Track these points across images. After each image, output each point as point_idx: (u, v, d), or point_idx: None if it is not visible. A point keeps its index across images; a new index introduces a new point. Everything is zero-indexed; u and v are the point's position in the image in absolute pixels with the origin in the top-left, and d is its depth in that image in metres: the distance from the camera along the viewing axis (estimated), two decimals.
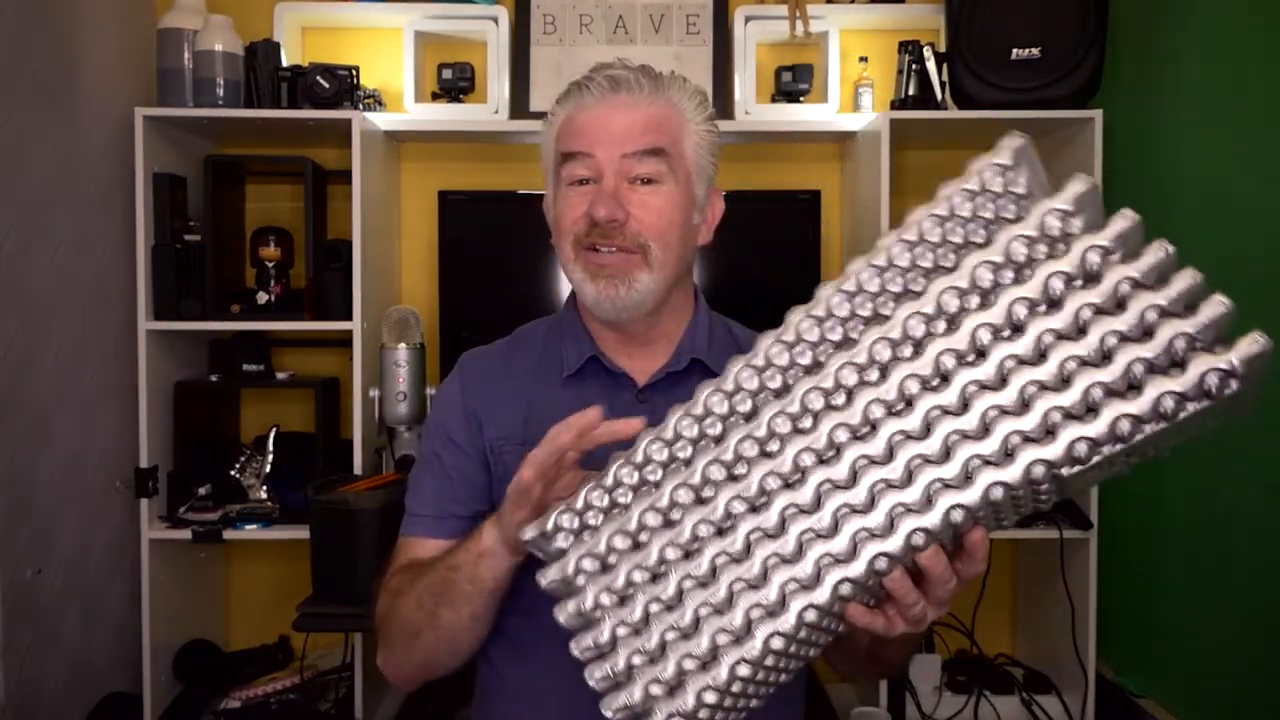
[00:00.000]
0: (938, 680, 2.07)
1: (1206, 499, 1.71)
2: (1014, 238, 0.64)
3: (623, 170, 0.99)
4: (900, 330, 0.66)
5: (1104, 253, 0.62)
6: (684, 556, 0.68)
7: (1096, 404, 0.61)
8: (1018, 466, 0.61)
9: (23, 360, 1.65)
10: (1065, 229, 0.64)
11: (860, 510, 0.64)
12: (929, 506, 0.63)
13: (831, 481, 0.65)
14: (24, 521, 1.65)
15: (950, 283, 0.65)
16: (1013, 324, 0.63)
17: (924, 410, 0.64)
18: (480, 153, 2.26)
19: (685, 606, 0.67)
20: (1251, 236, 1.59)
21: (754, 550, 0.66)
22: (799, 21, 2.09)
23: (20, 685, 1.62)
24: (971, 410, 0.63)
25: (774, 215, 2.15)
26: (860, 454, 0.65)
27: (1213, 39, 1.72)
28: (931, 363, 0.64)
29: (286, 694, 1.99)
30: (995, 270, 0.65)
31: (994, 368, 0.63)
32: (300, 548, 1.79)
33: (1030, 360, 0.62)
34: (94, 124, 1.88)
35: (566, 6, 2.18)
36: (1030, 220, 0.64)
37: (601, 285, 1.00)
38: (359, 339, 1.95)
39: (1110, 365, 0.61)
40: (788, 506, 0.66)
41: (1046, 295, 0.63)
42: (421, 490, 1.09)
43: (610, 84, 1.01)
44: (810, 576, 0.65)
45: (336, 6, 2.17)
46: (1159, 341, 0.60)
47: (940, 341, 0.64)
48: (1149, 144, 1.89)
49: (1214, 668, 1.68)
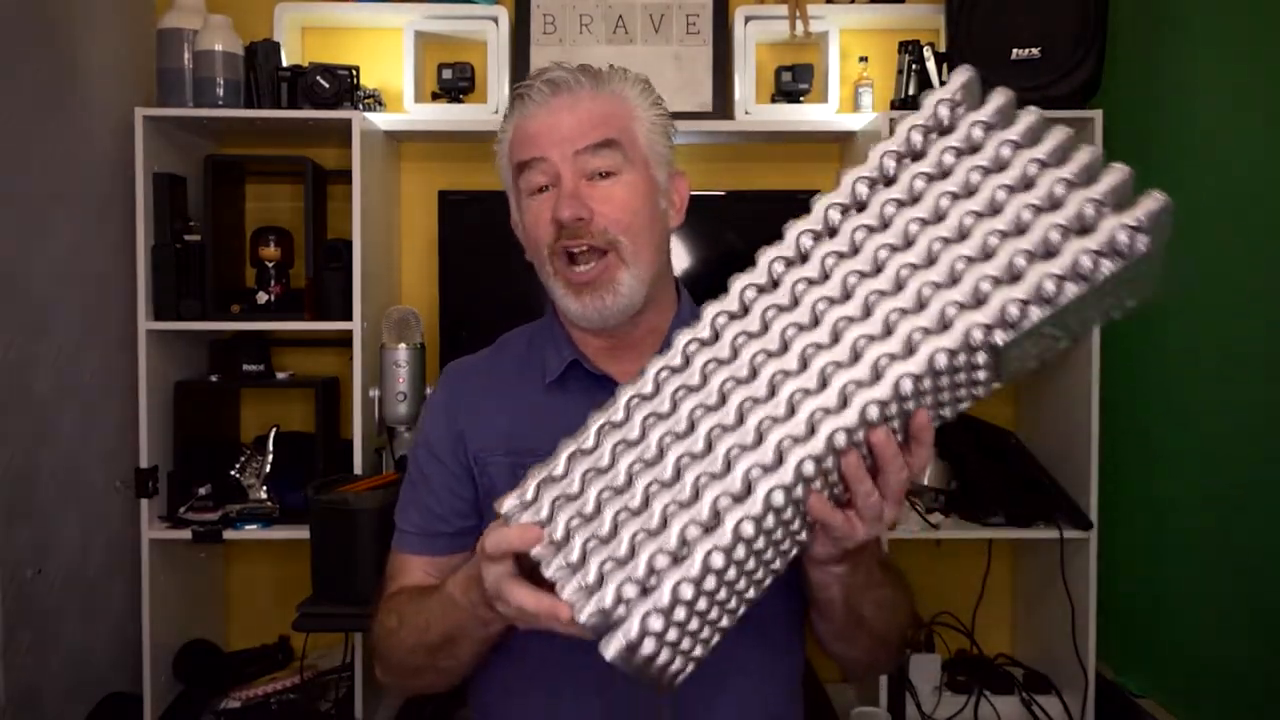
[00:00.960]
0: (938, 680, 2.07)
1: (1206, 499, 1.71)
2: (943, 149, 0.73)
3: (579, 168, 0.98)
4: (835, 235, 0.73)
5: (1014, 146, 0.70)
6: (648, 465, 0.71)
7: (1020, 270, 0.65)
8: (957, 330, 0.65)
9: (23, 360, 1.65)
10: (956, 120, 0.74)
11: (813, 392, 0.68)
12: (878, 379, 0.67)
13: (784, 371, 0.69)
14: (24, 521, 1.65)
15: (887, 195, 0.72)
16: (937, 214, 0.70)
17: (863, 295, 0.69)
18: (480, 153, 2.24)
19: (652, 508, 0.69)
20: (1252, 236, 1.60)
21: (715, 445, 0.69)
22: (799, 21, 2.09)
23: (20, 685, 1.62)
24: (906, 288, 0.68)
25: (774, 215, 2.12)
26: (808, 342, 0.69)
27: (1213, 39, 1.72)
28: (870, 257, 0.70)
29: (286, 694, 1.99)
30: (925, 177, 0.72)
31: (923, 249, 0.69)
32: (300, 548, 1.79)
33: (954, 239, 0.69)
34: (94, 124, 1.88)
35: (566, 6, 2.19)
36: (958, 132, 0.73)
37: (586, 299, 0.99)
38: (359, 339, 1.95)
39: (1029, 234, 0.66)
40: (745, 400, 0.69)
41: (966, 186, 0.70)
42: (409, 506, 1.09)
43: (550, 87, 1.00)
44: (773, 460, 0.67)
45: (336, 6, 2.17)
46: (1069, 210, 0.66)
47: (876, 237, 0.71)
48: (1149, 144, 1.89)
49: (1214, 668, 1.68)
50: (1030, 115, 0.71)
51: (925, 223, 0.70)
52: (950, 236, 0.69)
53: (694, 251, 2.08)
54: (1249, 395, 1.58)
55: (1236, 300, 1.63)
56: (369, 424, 1.99)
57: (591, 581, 0.68)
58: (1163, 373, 1.83)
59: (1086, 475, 1.92)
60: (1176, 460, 1.78)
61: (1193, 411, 1.74)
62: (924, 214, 0.71)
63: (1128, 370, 1.93)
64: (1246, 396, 1.58)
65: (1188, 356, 1.75)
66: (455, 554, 1.06)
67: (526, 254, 1.09)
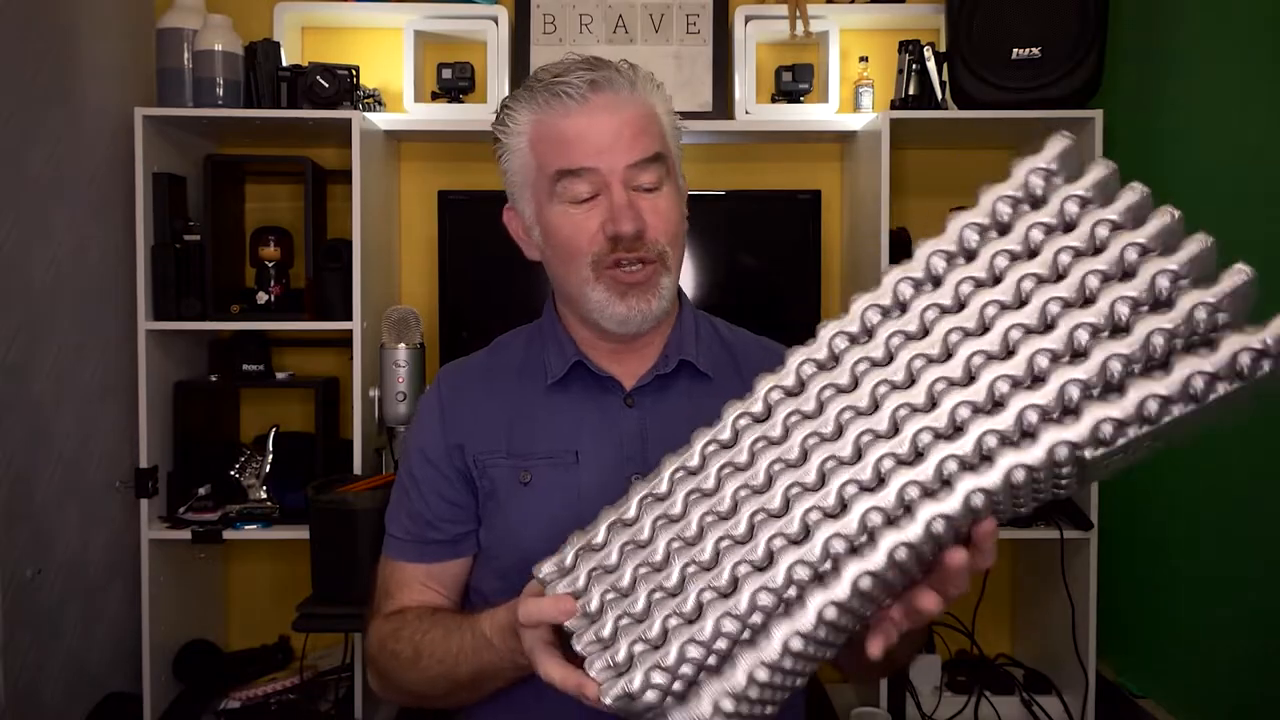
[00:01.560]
0: (938, 680, 2.07)
1: (1207, 499, 1.71)
2: (1030, 225, 0.64)
3: (628, 180, 0.96)
4: (907, 321, 0.65)
5: (1112, 225, 0.61)
6: (687, 544, 0.66)
7: (1118, 380, 0.58)
8: (1040, 445, 0.58)
9: (23, 360, 1.65)
10: (1050, 190, 0.65)
11: (868, 488, 0.62)
12: (947, 488, 0.59)
13: (835, 458, 0.63)
14: (24, 521, 1.65)
15: (966, 273, 0.64)
16: (1019, 299, 0.62)
17: (928, 387, 0.62)
18: (480, 153, 2.24)
19: (687, 591, 0.65)
20: (1252, 236, 1.59)
21: (757, 532, 0.64)
22: (799, 21, 2.09)
23: (20, 685, 1.62)
24: (978, 383, 0.61)
25: (774, 215, 2.15)
26: (866, 436, 0.63)
27: (1213, 39, 1.72)
28: (939, 341, 0.63)
29: (286, 694, 1.99)
30: (1007, 254, 0.64)
31: (999, 338, 0.61)
32: (300, 548, 1.79)
33: (1037, 328, 0.61)
34: (94, 124, 1.88)
35: (566, 6, 2.18)
36: (1050, 206, 0.64)
37: (633, 301, 0.97)
38: (359, 339, 1.95)
39: (1129, 338, 0.58)
40: (792, 485, 0.64)
41: (1055, 269, 0.62)
42: (401, 513, 1.07)
43: (590, 85, 0.95)
44: (821, 561, 0.61)
45: (336, 6, 2.17)
46: (1179, 313, 0.58)
47: (947, 320, 0.63)
48: (1149, 144, 1.89)
49: (1214, 668, 1.68)
50: (1133, 193, 0.62)
51: (1004, 307, 0.62)
52: (1033, 325, 0.61)
53: (693, 252, 2.08)
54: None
55: None
56: (369, 424, 1.99)
57: (620, 660, 0.65)
58: None
59: None
60: (1177, 460, 1.78)
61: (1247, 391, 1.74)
62: (1004, 297, 0.62)
63: None
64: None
65: None
66: (451, 561, 1.05)
67: (529, 254, 1.07)
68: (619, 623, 0.66)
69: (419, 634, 0.97)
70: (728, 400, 0.70)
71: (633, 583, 0.67)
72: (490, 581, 1.04)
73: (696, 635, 0.63)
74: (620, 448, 1.02)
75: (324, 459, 1.99)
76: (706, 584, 0.64)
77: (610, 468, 1.01)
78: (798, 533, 0.62)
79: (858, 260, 2.13)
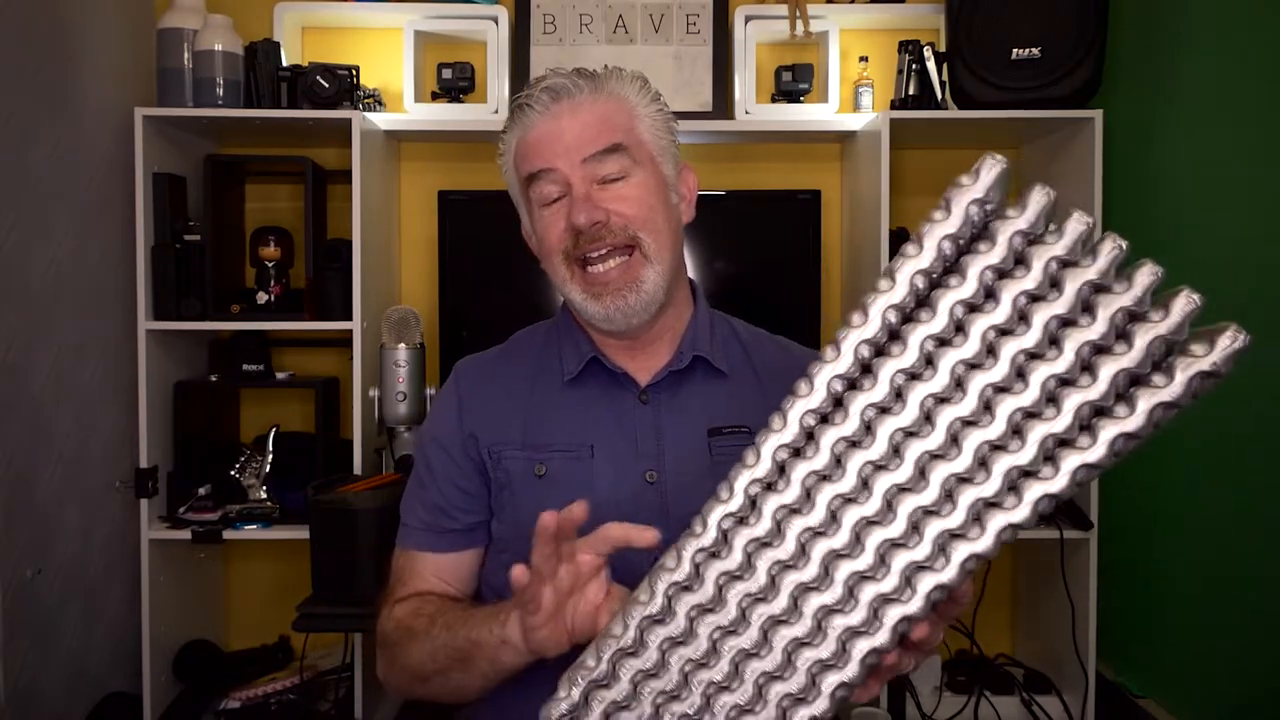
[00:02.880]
0: (938, 680, 2.07)
1: (1206, 499, 1.70)
2: (981, 269, 0.63)
3: (588, 175, 0.99)
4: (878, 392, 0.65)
5: (1061, 263, 0.62)
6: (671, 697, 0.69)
7: (1091, 426, 0.61)
8: (1025, 507, 0.62)
9: (23, 360, 1.65)
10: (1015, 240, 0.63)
11: (875, 578, 0.66)
12: (944, 561, 0.64)
13: (836, 552, 0.66)
14: (24, 521, 1.65)
15: (928, 331, 0.64)
16: (984, 349, 0.63)
17: (913, 459, 0.64)
18: (480, 153, 2.26)
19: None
20: (1251, 236, 1.59)
21: (771, 639, 0.67)
22: (799, 21, 2.09)
23: (20, 685, 1.62)
24: (963, 450, 0.63)
25: (774, 215, 2.15)
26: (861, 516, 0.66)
27: (1213, 39, 1.72)
28: (916, 410, 0.64)
29: (286, 694, 1.99)
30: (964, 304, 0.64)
31: (975, 401, 0.63)
32: (300, 548, 1.79)
33: (1009, 388, 0.62)
34: (94, 124, 1.88)
35: (566, 6, 2.18)
36: (998, 246, 0.63)
37: (608, 300, 0.99)
38: (359, 339, 1.95)
39: (1096, 383, 0.61)
40: (767, 619, 0.67)
41: (1014, 316, 0.62)
42: (416, 503, 1.08)
43: (549, 95, 1.00)
44: (836, 653, 0.67)
45: (336, 6, 2.17)
46: (1138, 350, 0.60)
47: (922, 387, 0.64)
48: (1149, 144, 1.89)
49: (1214, 668, 1.68)
50: (1078, 224, 0.62)
51: (972, 366, 0.63)
52: (1003, 384, 0.62)
53: (693, 252, 2.08)
54: (1249, 395, 1.57)
55: (1235, 301, 1.63)
56: (369, 424, 1.99)
57: None
58: None
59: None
60: (1177, 460, 1.78)
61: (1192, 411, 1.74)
62: (968, 355, 0.63)
63: None
64: (1246, 396, 1.58)
65: None
66: (465, 551, 1.06)
67: (541, 263, 1.09)
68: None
69: (441, 609, 0.98)
70: (744, 398, 0.72)
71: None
72: (501, 574, 1.04)
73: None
74: (635, 443, 1.03)
75: (324, 459, 1.99)
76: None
77: (625, 462, 1.02)
78: (780, 664, 0.67)
79: (858, 260, 2.13)
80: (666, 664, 0.69)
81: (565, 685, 0.71)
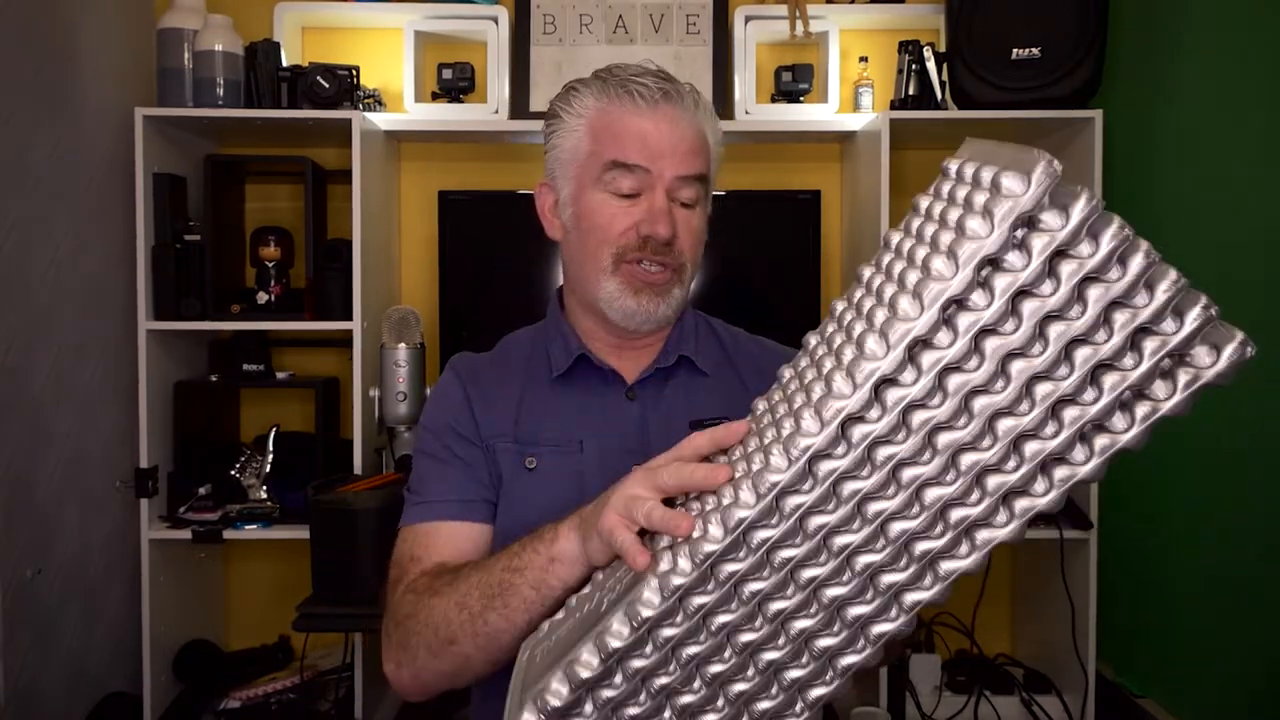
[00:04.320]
0: (938, 680, 2.07)
1: (1207, 499, 1.71)
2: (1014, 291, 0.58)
3: (674, 190, 1.01)
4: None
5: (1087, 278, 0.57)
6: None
7: (1090, 438, 0.59)
8: (1016, 523, 0.61)
9: (23, 360, 1.65)
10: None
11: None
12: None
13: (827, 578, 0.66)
14: (24, 521, 1.65)
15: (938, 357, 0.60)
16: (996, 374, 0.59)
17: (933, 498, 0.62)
18: (480, 153, 2.26)
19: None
20: (1251, 236, 1.59)
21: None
22: (799, 21, 2.09)
23: (20, 685, 1.62)
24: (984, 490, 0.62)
25: (774, 215, 2.15)
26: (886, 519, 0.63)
27: (1212, 39, 1.72)
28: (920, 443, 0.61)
29: (286, 694, 1.99)
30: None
31: (979, 424, 0.59)
32: (300, 548, 1.79)
33: (1009, 408, 0.59)
34: (94, 124, 1.88)
35: (566, 6, 2.18)
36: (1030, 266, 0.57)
37: (644, 300, 1.01)
38: (359, 339, 1.95)
39: (1101, 399, 0.58)
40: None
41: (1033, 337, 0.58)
42: (434, 479, 1.04)
43: (663, 95, 1.01)
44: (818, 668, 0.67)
45: (336, 6, 2.17)
46: (1145, 366, 0.57)
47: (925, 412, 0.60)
48: (1149, 144, 1.89)
49: (1214, 668, 1.68)
50: (1113, 241, 0.55)
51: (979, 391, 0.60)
52: (1006, 406, 0.59)
53: None
54: (1248, 395, 1.57)
55: (1237, 299, 1.62)
56: (369, 424, 1.99)
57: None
58: None
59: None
60: (1176, 460, 1.78)
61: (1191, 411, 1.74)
62: (978, 380, 0.59)
63: None
64: (1245, 396, 1.58)
65: None
66: (486, 524, 1.03)
67: (550, 232, 1.09)
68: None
69: (442, 580, 0.94)
70: (725, 393, 0.74)
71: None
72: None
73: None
74: (622, 438, 1.05)
75: (324, 459, 1.99)
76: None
77: (613, 457, 1.03)
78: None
79: (857, 260, 2.13)
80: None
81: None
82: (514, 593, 0.84)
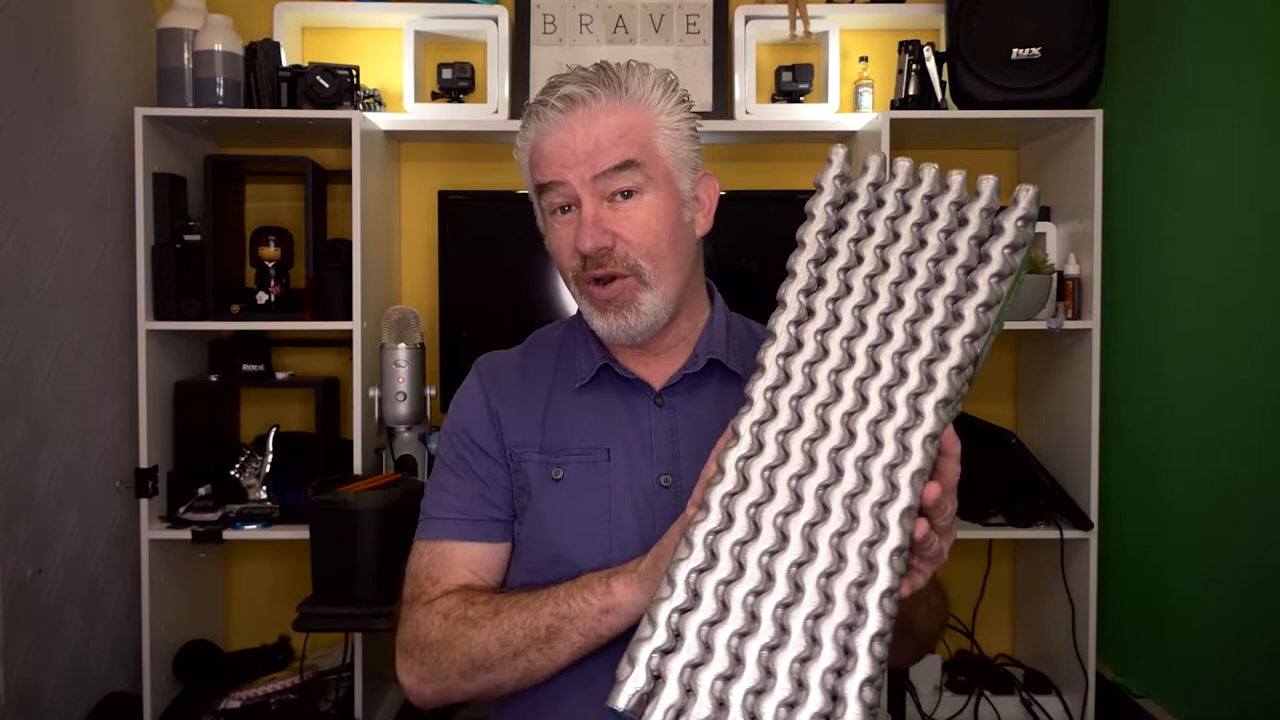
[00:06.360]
0: (938, 680, 2.07)
1: (1206, 499, 1.70)
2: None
3: (598, 190, 0.97)
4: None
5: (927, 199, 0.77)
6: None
7: (959, 310, 0.74)
8: (959, 351, 0.72)
9: (23, 360, 1.65)
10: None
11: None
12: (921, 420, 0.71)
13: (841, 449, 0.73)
14: (24, 521, 1.65)
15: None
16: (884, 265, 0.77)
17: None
18: (480, 153, 2.26)
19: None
20: (1251, 236, 1.59)
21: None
22: (799, 21, 2.09)
23: (20, 685, 1.62)
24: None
25: (774, 215, 2.15)
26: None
27: (1213, 39, 1.72)
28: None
29: (286, 694, 1.99)
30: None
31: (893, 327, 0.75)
32: (300, 548, 1.79)
33: (892, 308, 0.76)
34: (94, 124, 1.88)
35: (566, 6, 2.18)
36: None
37: (610, 317, 0.99)
38: (359, 339, 1.95)
39: (944, 284, 0.74)
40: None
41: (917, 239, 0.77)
42: (446, 493, 1.05)
43: (565, 104, 0.97)
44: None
45: (336, 6, 2.17)
46: (963, 252, 0.74)
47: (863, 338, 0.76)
48: (1149, 144, 1.89)
49: (1214, 668, 1.68)
50: (930, 171, 0.78)
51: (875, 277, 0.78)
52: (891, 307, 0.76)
53: None
54: (1247, 395, 1.57)
55: (1234, 300, 1.63)
56: (369, 424, 1.99)
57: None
58: (1161, 373, 1.83)
59: (1086, 475, 1.92)
60: (1176, 460, 1.78)
61: (1192, 411, 1.74)
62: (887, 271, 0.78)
63: (1127, 371, 1.93)
64: (1245, 396, 1.58)
65: (1186, 356, 1.75)
66: (497, 543, 1.04)
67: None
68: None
69: (505, 596, 0.96)
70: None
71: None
72: (520, 576, 1.03)
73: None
74: (650, 447, 1.03)
75: (324, 459, 1.99)
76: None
77: (641, 466, 1.02)
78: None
79: None
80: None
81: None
82: (562, 638, 0.90)
